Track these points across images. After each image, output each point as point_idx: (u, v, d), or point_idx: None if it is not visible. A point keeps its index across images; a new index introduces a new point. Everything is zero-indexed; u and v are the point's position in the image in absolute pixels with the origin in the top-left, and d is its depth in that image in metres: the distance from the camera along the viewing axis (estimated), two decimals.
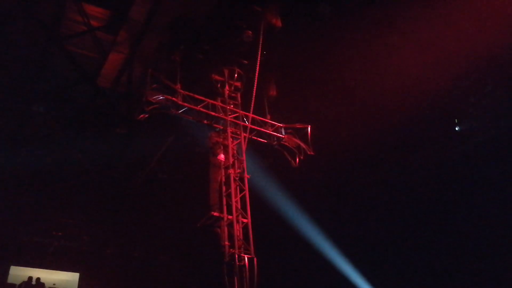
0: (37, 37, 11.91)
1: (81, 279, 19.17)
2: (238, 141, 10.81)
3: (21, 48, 12.33)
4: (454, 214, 16.18)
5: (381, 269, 17.48)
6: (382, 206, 17.73)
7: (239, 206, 9.84)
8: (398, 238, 17.47)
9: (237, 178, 10.17)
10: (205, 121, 10.89)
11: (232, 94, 11.40)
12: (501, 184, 14.87)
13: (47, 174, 16.11)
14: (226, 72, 11.36)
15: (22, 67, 12.80)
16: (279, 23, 10.77)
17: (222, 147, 10.52)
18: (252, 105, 10.82)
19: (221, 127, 10.89)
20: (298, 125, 11.98)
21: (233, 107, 11.20)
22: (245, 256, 9.10)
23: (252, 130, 11.23)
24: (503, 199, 14.82)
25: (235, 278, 8.89)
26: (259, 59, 10.52)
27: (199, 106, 10.66)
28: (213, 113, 10.82)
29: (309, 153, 11.74)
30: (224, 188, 10.01)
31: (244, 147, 10.70)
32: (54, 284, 18.55)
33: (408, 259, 17.20)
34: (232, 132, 10.81)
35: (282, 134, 11.82)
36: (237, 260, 9.00)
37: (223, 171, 10.24)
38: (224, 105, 11.05)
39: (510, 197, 14.64)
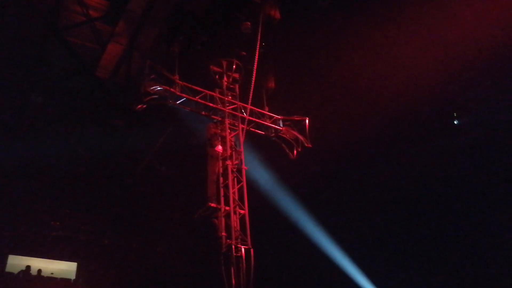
0: (36, 27, 11.90)
1: (79, 268, 19.26)
2: (236, 132, 10.81)
3: (20, 38, 12.32)
4: (452, 208, 16.21)
5: (376, 261, 17.58)
6: (379, 199, 17.78)
7: (236, 197, 9.86)
8: (394, 230, 17.55)
9: (234, 170, 10.18)
10: (203, 113, 10.89)
11: (230, 86, 11.39)
12: (500, 178, 14.89)
13: (45, 164, 16.13)
14: (224, 63, 11.34)
15: (20, 57, 12.78)
16: (278, 15, 10.75)
17: (220, 139, 10.52)
18: (250, 97, 10.79)
19: (219, 119, 10.89)
20: (296, 117, 11.97)
21: (231, 99, 11.19)
22: (242, 247, 9.13)
23: (250, 121, 11.22)
24: (502, 193, 14.85)
25: (232, 268, 8.93)
26: (257, 50, 10.48)
27: (197, 97, 10.66)
28: (211, 105, 10.82)
29: (307, 145, 11.74)
30: (221, 180, 10.03)
31: (242, 138, 10.70)
32: (52, 273, 18.62)
33: (404, 249, 17.32)
34: (230, 124, 10.80)
35: (280, 126, 11.83)
36: (234, 251, 9.03)
37: (220, 162, 10.23)
38: (222, 97, 11.04)
39: (509, 191, 14.67)
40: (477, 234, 15.34)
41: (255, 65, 10.49)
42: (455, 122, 15.40)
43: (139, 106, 10.01)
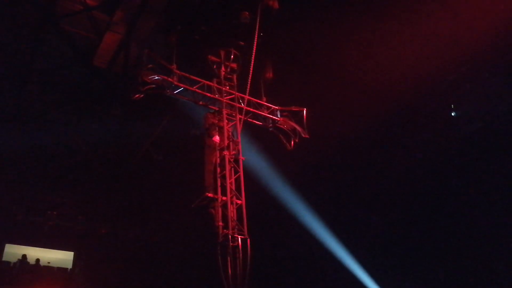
0: (32, 16, 11.81)
1: (76, 258, 19.32)
2: (234, 123, 10.81)
3: (17, 27, 12.23)
4: (450, 201, 16.23)
5: (373, 251, 17.66)
6: (376, 190, 17.83)
7: (233, 188, 9.89)
8: (391, 220, 17.62)
9: (232, 160, 10.19)
10: (201, 102, 10.88)
11: (228, 76, 11.36)
12: (498, 170, 14.91)
13: (42, 153, 16.11)
14: (222, 53, 11.30)
15: (17, 47, 12.70)
16: (276, 5, 10.69)
17: (217, 129, 10.52)
18: (248, 87, 10.77)
19: (217, 109, 10.89)
20: (294, 108, 11.97)
21: (229, 89, 11.17)
22: (239, 236, 9.17)
23: (247, 112, 11.20)
24: (500, 185, 14.86)
25: (229, 258, 8.97)
26: (256, 40, 10.45)
27: (194, 87, 10.64)
28: (208, 95, 10.81)
29: (304, 136, 11.76)
30: (218, 170, 10.05)
31: (239, 129, 10.70)
32: (49, 263, 18.68)
33: (398, 241, 17.40)
34: (227, 114, 10.79)
35: (277, 117, 11.82)
36: (230, 241, 9.07)
37: (218, 152, 10.26)
38: (220, 87, 11.02)
39: (507, 183, 14.68)
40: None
41: (253, 55, 10.46)
42: (453, 114, 15.41)
43: (137, 95, 9.98)
